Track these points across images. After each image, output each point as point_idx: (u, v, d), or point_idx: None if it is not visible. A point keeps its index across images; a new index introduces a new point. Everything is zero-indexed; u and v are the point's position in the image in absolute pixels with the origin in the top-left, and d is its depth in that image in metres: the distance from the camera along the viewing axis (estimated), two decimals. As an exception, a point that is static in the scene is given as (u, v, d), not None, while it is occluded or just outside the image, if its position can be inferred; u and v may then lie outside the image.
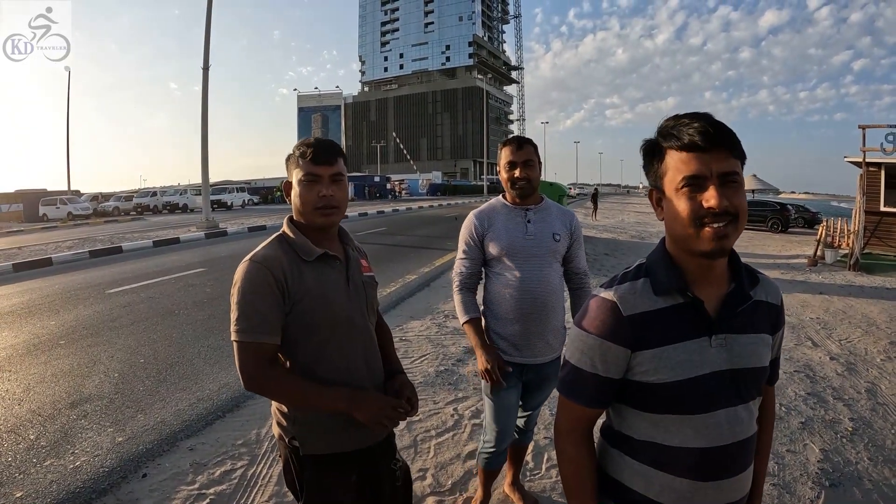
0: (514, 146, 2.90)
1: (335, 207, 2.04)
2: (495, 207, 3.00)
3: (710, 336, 1.33)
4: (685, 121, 1.28)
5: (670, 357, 1.31)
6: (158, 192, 46.76)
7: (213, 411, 5.11)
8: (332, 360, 1.99)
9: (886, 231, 17.97)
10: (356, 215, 33.06)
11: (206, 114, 24.07)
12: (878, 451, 4.48)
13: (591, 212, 36.77)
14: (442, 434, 4.62)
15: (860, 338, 7.99)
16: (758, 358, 1.39)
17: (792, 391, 5.72)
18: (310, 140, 2.07)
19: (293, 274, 1.93)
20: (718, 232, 1.24)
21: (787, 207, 30.88)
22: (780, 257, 17.58)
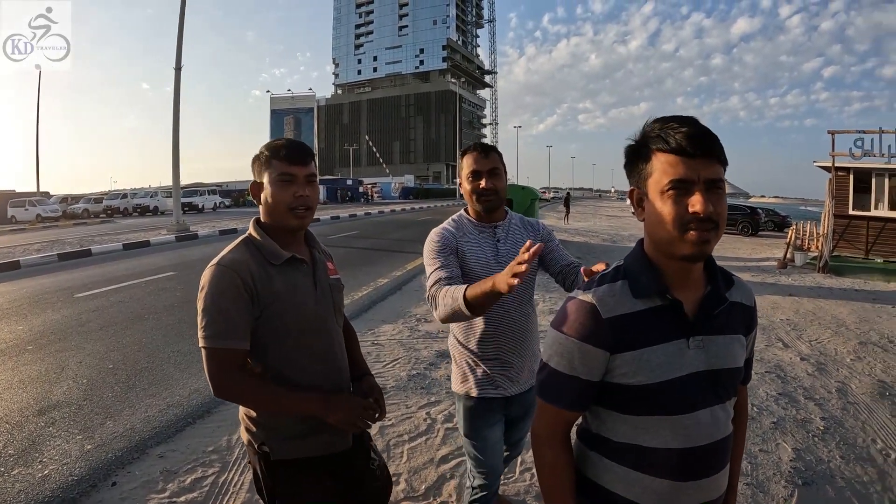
0: (479, 154, 2.57)
1: (309, 209, 2.03)
2: (463, 225, 2.63)
3: (689, 338, 1.35)
4: (674, 124, 1.29)
5: (650, 359, 1.32)
6: (129, 195, 45.96)
7: (184, 418, 5.06)
8: (303, 364, 1.99)
9: (855, 234, 18.43)
10: (328, 218, 33.01)
11: (177, 115, 23.76)
12: (849, 450, 4.58)
13: (564, 215, 37.00)
14: (415, 438, 4.62)
15: (830, 338, 8.15)
16: (733, 358, 1.41)
17: (763, 391, 5.81)
18: (281, 140, 2.06)
19: (262, 278, 1.91)
20: (702, 237, 1.25)
21: (757, 211, 31.41)
22: (750, 260, 17.83)
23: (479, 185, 2.55)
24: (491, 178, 2.56)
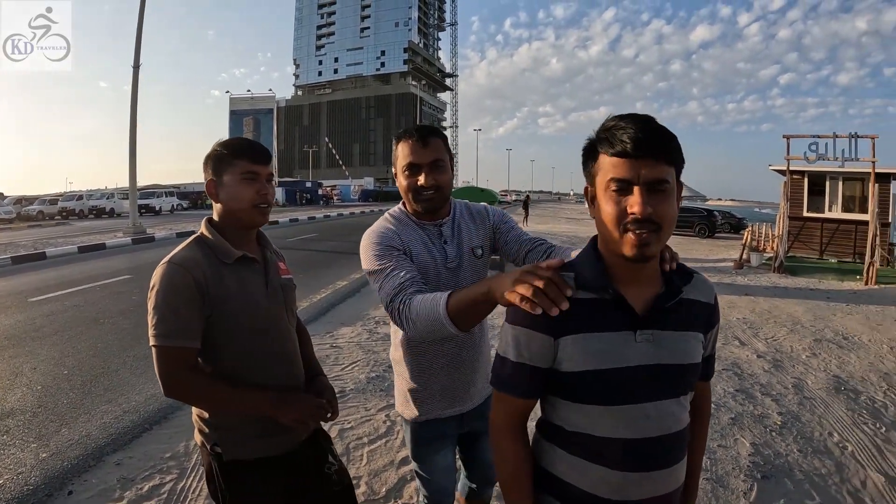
0: (416, 141, 2.09)
1: (269, 206, 2.03)
2: (403, 222, 2.20)
3: (635, 331, 1.33)
4: (622, 124, 1.27)
5: (590, 345, 1.32)
6: (85, 196, 44.53)
7: (140, 424, 4.91)
8: (255, 363, 1.96)
9: (809, 235, 19.03)
10: (287, 221, 32.64)
11: (135, 114, 23.15)
12: (807, 443, 4.63)
13: (523, 218, 37.18)
14: (374, 441, 4.56)
15: (786, 336, 8.27)
16: (687, 354, 1.39)
17: (721, 388, 5.85)
18: (240, 140, 2.03)
19: (213, 276, 1.88)
20: (640, 239, 1.24)
21: (713, 213, 32.07)
22: (707, 261, 18.07)
23: (416, 182, 2.10)
24: (433, 171, 2.10)
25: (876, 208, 14.64)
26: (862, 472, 4.20)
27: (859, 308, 10.58)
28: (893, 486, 4.00)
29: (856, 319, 9.59)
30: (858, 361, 7.03)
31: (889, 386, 6.11)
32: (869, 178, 15.26)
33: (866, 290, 12.78)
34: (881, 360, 7.14)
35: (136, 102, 23.20)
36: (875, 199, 14.77)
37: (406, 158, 2.10)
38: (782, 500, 3.80)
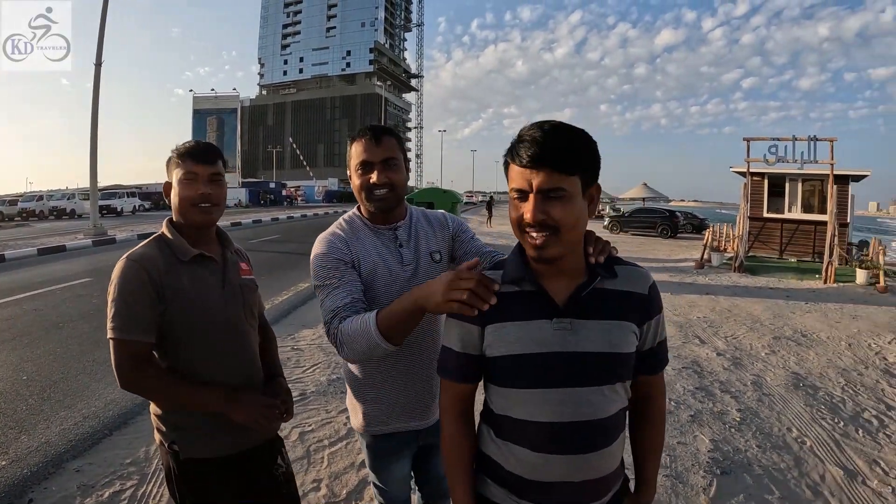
0: (369, 139, 2.05)
1: (214, 205, 2.06)
2: (356, 227, 2.14)
3: (552, 319, 1.41)
4: (526, 137, 1.35)
5: (509, 332, 1.42)
6: (45, 197, 43.43)
7: (100, 430, 4.79)
8: (208, 361, 1.99)
9: (769, 235, 19.33)
10: (250, 222, 32.32)
11: (96, 113, 22.50)
12: (765, 439, 4.66)
13: (487, 219, 37.26)
14: (335, 443, 4.52)
15: (745, 334, 8.35)
16: (612, 344, 1.42)
17: (680, 386, 5.87)
18: (190, 142, 2.12)
19: (168, 273, 1.94)
20: (537, 242, 1.35)
21: (675, 214, 32.46)
22: (668, 261, 18.24)
23: (369, 180, 2.04)
24: (385, 169, 2.05)
25: (835, 209, 14.91)
26: (821, 466, 4.23)
27: (818, 306, 10.74)
28: (852, 480, 4.05)
29: (814, 317, 9.73)
30: (817, 358, 7.11)
31: (847, 382, 6.18)
32: (828, 179, 15.57)
33: (825, 289, 12.99)
34: (839, 356, 7.23)
35: (97, 101, 22.58)
36: (834, 200, 15.01)
37: (359, 157, 2.07)
38: (742, 494, 3.80)
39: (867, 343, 7.98)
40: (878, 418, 5.18)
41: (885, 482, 4.04)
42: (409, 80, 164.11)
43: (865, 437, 4.78)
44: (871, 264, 13.98)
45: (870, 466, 4.26)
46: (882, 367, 6.85)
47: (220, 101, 76.68)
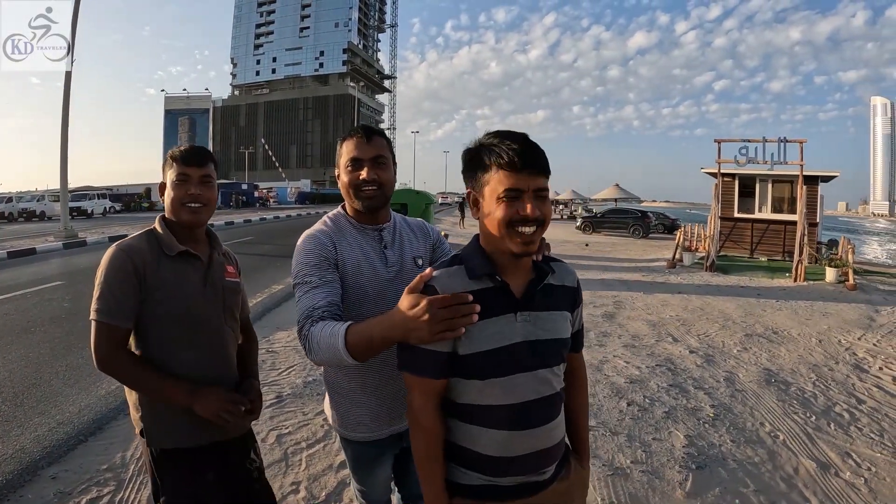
0: (360, 138, 2.09)
1: (203, 206, 2.14)
2: (341, 225, 2.14)
3: (516, 313, 1.58)
4: (508, 142, 1.52)
5: (484, 329, 1.53)
6: (14, 198, 42.28)
7: (75, 435, 4.68)
8: (180, 355, 2.05)
9: (740, 235, 19.61)
10: (223, 224, 31.90)
11: (66, 113, 22.09)
12: (739, 434, 4.69)
13: (460, 220, 37.29)
14: (313, 445, 4.46)
15: (717, 332, 8.42)
16: (557, 331, 1.66)
17: (655, 384, 5.90)
18: (185, 145, 2.22)
19: (152, 264, 2.02)
20: (526, 238, 1.51)
21: (647, 214, 32.86)
22: (641, 261, 18.40)
23: (358, 176, 2.06)
24: (375, 167, 2.07)
25: (804, 209, 15.11)
26: (794, 459, 4.28)
27: (788, 304, 10.88)
28: (825, 472, 4.10)
29: (785, 315, 9.86)
30: (788, 354, 7.20)
31: (818, 377, 6.25)
32: (797, 180, 15.75)
33: (795, 287, 13.18)
34: (810, 352, 7.32)
35: (68, 101, 22.09)
36: (803, 201, 15.23)
37: (349, 154, 2.09)
38: (717, 488, 3.82)
39: (837, 339, 8.10)
40: (849, 412, 5.25)
41: (858, 474, 4.09)
42: (383, 81, 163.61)
43: (837, 430, 4.83)
44: (841, 263, 14.19)
45: (842, 459, 4.31)
46: (852, 362, 6.95)
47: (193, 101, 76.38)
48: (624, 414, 5.08)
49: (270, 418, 4.85)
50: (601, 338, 7.83)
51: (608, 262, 17.80)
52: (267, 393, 5.39)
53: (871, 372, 6.58)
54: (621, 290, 11.96)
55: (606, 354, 6.99)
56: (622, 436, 4.62)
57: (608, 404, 5.30)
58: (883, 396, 5.74)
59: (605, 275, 14.43)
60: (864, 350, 7.55)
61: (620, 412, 5.12)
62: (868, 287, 13.35)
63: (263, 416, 4.83)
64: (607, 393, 5.59)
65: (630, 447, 4.42)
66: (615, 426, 4.81)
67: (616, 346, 7.45)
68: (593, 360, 6.66)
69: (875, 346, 7.77)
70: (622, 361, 6.70)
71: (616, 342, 7.64)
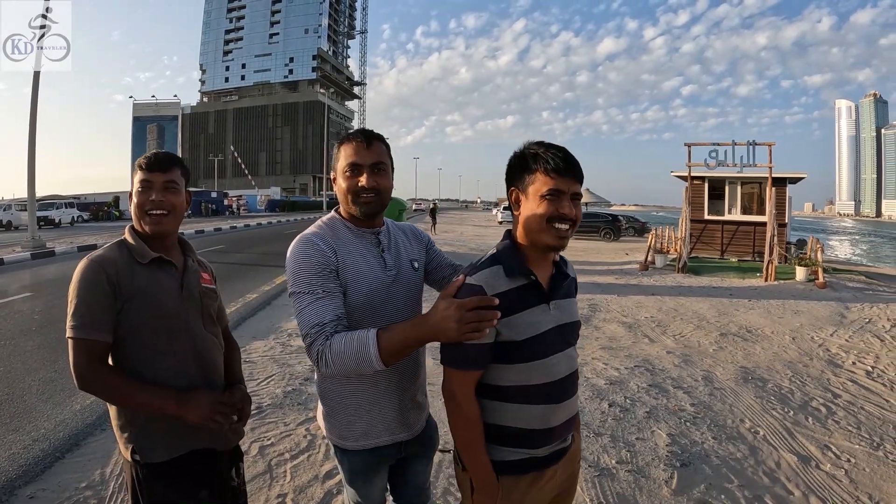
0: (361, 142, 2.04)
1: (165, 213, 2.08)
2: (338, 230, 2.08)
3: (549, 303, 1.83)
4: (553, 150, 1.76)
5: (525, 320, 1.76)
6: None
7: (52, 453, 4.50)
8: (162, 364, 2.01)
9: (710, 236, 19.82)
10: (193, 233, 31.47)
11: (34, 120, 21.51)
12: (720, 430, 4.75)
13: (431, 226, 37.27)
14: (297, 456, 4.35)
15: (693, 332, 8.53)
16: (574, 314, 1.96)
17: (634, 384, 5.94)
18: (152, 151, 2.18)
19: (125, 274, 1.98)
20: (561, 233, 1.75)
21: (618, 218, 33.24)
22: (613, 264, 18.57)
23: (357, 183, 2.01)
24: (374, 174, 2.03)
25: (773, 210, 15.33)
26: (775, 453, 4.34)
27: (760, 303, 11.06)
28: (806, 465, 4.17)
29: (758, 313, 10.01)
30: (763, 352, 7.30)
31: (794, 373, 6.35)
32: (766, 182, 15.99)
33: (766, 286, 13.38)
34: (784, 349, 7.44)
35: (35, 107, 21.44)
36: (772, 202, 15.46)
37: (348, 158, 2.04)
38: (703, 484, 3.86)
39: (810, 336, 8.24)
40: (825, 406, 5.34)
41: (838, 465, 4.17)
42: (353, 87, 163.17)
43: (815, 424, 4.92)
44: (810, 262, 14.42)
45: (822, 451, 4.39)
46: (826, 357, 7.08)
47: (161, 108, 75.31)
48: (606, 415, 5.10)
49: (252, 430, 4.74)
50: (579, 340, 7.78)
51: (581, 265, 17.82)
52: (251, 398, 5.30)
53: (844, 367, 6.70)
54: (596, 293, 12.01)
55: (585, 357, 7.00)
56: (606, 437, 4.64)
57: (590, 406, 5.31)
58: (857, 390, 5.85)
59: (579, 278, 14.20)
60: (837, 346, 7.69)
61: (602, 413, 5.14)
62: (837, 285, 13.60)
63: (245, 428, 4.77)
64: (588, 395, 5.60)
65: (615, 447, 4.44)
66: (598, 427, 4.82)
67: (594, 348, 7.48)
68: (573, 362, 6.63)
69: (847, 342, 7.92)
70: (601, 363, 6.73)
71: (594, 344, 7.67)
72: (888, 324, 9.29)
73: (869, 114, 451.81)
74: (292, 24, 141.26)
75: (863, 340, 8.07)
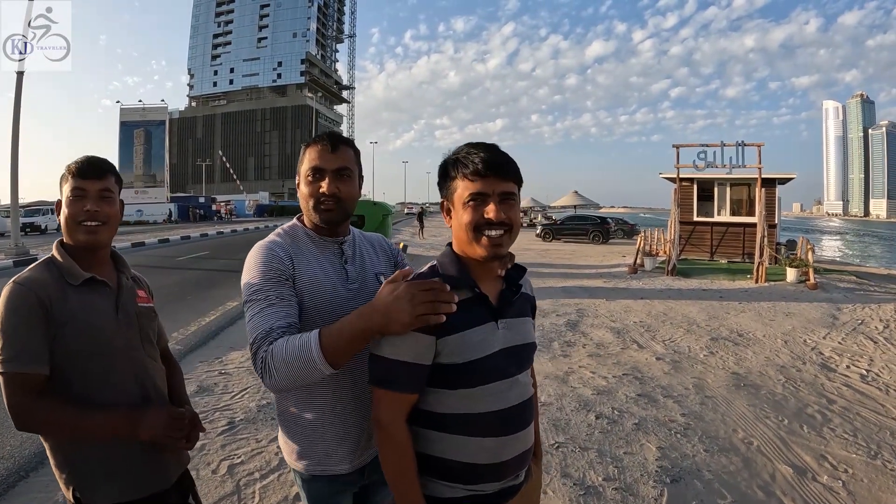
0: (325, 146, 1.90)
1: (101, 224, 1.93)
2: (298, 238, 1.95)
3: (497, 321, 1.62)
4: (474, 151, 1.59)
5: (470, 339, 1.55)
6: None
7: (15, 471, 4.29)
8: (102, 395, 1.84)
9: (700, 238, 19.75)
10: (178, 238, 31.30)
11: (17, 124, 21.17)
12: (712, 442, 4.57)
13: (418, 230, 37.15)
14: (266, 476, 4.11)
15: (683, 337, 8.35)
16: (529, 335, 1.73)
17: (622, 394, 5.74)
18: (81, 157, 2.00)
19: (57, 298, 1.81)
20: (494, 240, 1.56)
21: (607, 220, 33.23)
22: (602, 267, 18.38)
23: (318, 189, 1.88)
24: (337, 180, 1.89)
25: (763, 211, 15.23)
26: (770, 465, 4.18)
27: (751, 305, 10.91)
28: (802, 477, 4.02)
29: (749, 316, 9.87)
30: (755, 357, 7.15)
31: (787, 379, 6.19)
32: (755, 183, 15.95)
33: (757, 288, 13.25)
34: (777, 354, 7.28)
35: (18, 111, 21.22)
36: (762, 203, 15.39)
37: (312, 162, 1.90)
38: (694, 502, 3.70)
39: (802, 339, 8.10)
40: (820, 413, 5.19)
41: (835, 476, 4.02)
42: (341, 91, 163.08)
43: (811, 432, 4.76)
44: (801, 263, 14.32)
45: (818, 462, 4.24)
46: (819, 361, 6.94)
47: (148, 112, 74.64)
48: (593, 428, 4.89)
49: (222, 447, 4.51)
50: (565, 347, 7.66)
51: (569, 269, 17.73)
52: (219, 419, 5.08)
53: (838, 371, 6.56)
54: (584, 298, 11.87)
55: (572, 365, 6.81)
56: (592, 451, 4.43)
57: (576, 418, 5.10)
58: (853, 395, 5.70)
59: (567, 282, 14.32)
60: (830, 349, 7.56)
61: (589, 426, 4.93)
62: (828, 286, 13.50)
63: (214, 444, 4.55)
64: (574, 406, 5.40)
65: (601, 463, 4.24)
66: (584, 441, 4.62)
67: (581, 355, 7.28)
68: (558, 372, 6.50)
69: (840, 345, 7.79)
70: (588, 372, 6.53)
71: (581, 352, 7.47)
72: (881, 325, 9.17)
73: (856, 114, 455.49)
74: (280, 28, 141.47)
75: (856, 343, 7.93)
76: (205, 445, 4.50)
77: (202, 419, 5.08)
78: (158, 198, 66.47)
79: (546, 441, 4.55)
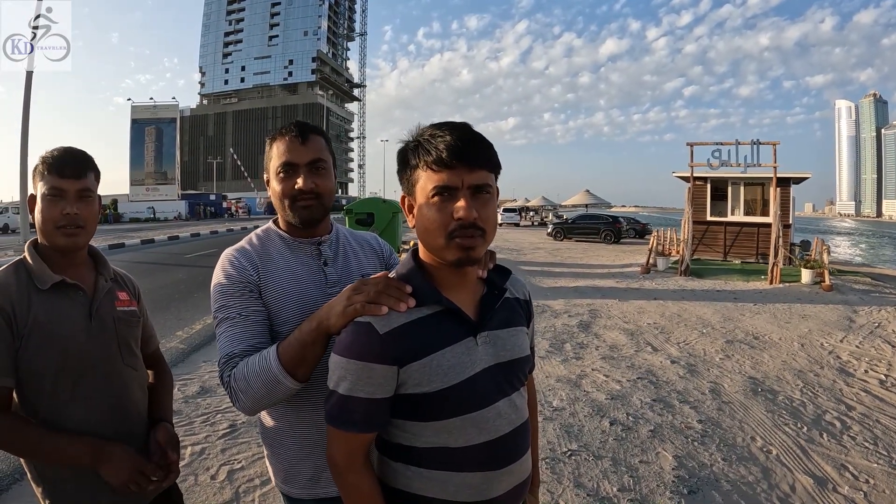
0: (295, 137, 1.73)
1: (80, 227, 1.78)
2: (270, 242, 1.81)
3: (475, 336, 1.37)
4: (438, 133, 1.30)
5: (440, 363, 1.31)
6: None
7: (11, 473, 4.19)
8: (69, 415, 1.70)
9: (713, 238, 19.62)
10: (188, 236, 31.44)
11: (27, 121, 21.46)
12: (730, 451, 4.45)
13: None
14: (267, 482, 3.97)
15: (697, 339, 8.22)
16: (520, 349, 1.46)
17: (637, 399, 5.64)
18: (58, 149, 1.82)
19: (22, 304, 1.68)
20: (465, 243, 1.28)
21: (618, 220, 33.02)
22: (614, 267, 18.23)
23: (293, 185, 1.72)
24: (312, 174, 1.73)
25: (778, 211, 15.07)
26: (790, 475, 4.07)
27: (766, 307, 10.78)
28: (823, 487, 3.91)
29: (764, 318, 9.73)
30: (772, 361, 7.02)
31: (805, 384, 6.07)
32: (769, 182, 15.82)
33: (771, 289, 13.11)
34: (794, 357, 7.15)
35: (28, 108, 21.56)
36: (777, 203, 15.25)
37: (281, 157, 1.72)
38: (712, 513, 3.57)
39: (819, 342, 7.97)
40: (840, 420, 5.07)
41: (856, 487, 3.91)
42: (352, 89, 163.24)
43: (830, 440, 4.64)
44: (816, 264, 14.15)
45: (839, 472, 4.12)
46: (837, 366, 6.81)
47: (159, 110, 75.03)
48: (607, 434, 4.78)
49: (222, 451, 4.42)
50: (578, 349, 7.57)
51: (581, 268, 17.63)
52: (220, 421, 5.00)
53: (856, 375, 6.43)
54: (596, 298, 11.76)
55: (584, 368, 6.71)
56: (607, 459, 4.32)
57: (589, 424, 4.99)
58: (872, 401, 5.58)
59: (579, 282, 14.22)
60: (848, 353, 7.43)
61: (603, 433, 4.82)
62: (843, 287, 13.33)
63: (214, 448, 4.47)
64: (588, 412, 5.29)
65: (616, 472, 4.13)
66: (598, 449, 4.51)
67: (594, 358, 7.19)
68: (571, 375, 6.40)
69: (858, 349, 7.66)
70: (601, 375, 6.43)
71: (594, 354, 7.38)
72: (899, 328, 8.98)
73: (869, 114, 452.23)
74: (291, 26, 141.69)
75: (873, 346, 7.80)
76: (205, 450, 4.44)
77: (204, 420, 5.01)
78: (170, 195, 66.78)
79: (559, 448, 4.45)
